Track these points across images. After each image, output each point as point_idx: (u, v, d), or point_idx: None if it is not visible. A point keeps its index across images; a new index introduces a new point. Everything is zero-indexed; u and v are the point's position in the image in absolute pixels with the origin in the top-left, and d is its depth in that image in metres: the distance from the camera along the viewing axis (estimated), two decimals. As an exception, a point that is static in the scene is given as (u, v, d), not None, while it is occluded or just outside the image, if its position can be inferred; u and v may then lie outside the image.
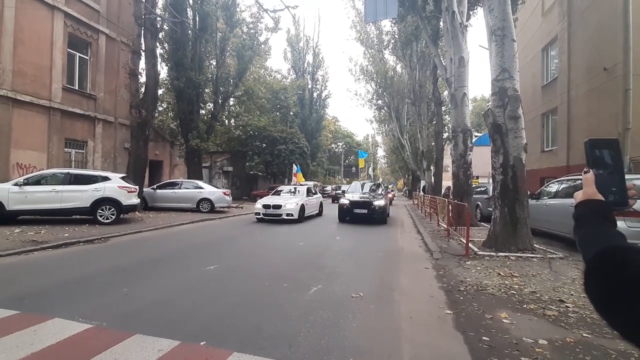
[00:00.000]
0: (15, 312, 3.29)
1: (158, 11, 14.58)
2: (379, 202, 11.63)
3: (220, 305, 3.72)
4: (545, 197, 8.40)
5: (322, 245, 7.65)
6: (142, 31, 12.49)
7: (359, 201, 11.73)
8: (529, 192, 9.60)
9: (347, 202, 11.83)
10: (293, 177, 18.07)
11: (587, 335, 3.08)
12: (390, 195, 22.38)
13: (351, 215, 11.61)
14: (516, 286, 4.53)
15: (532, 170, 16.99)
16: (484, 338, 2.98)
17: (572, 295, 4.20)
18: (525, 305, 3.83)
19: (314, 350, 2.72)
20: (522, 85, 20.15)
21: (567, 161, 14.42)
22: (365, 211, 11.40)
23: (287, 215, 11.46)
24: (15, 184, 8.97)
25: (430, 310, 3.69)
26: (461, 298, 4.07)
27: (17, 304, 3.48)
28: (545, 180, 13.12)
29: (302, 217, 12.03)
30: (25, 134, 11.72)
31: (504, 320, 3.38)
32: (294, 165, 18.60)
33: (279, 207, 11.61)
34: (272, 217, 11.64)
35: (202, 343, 2.75)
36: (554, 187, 8.22)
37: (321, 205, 14.79)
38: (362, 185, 14.13)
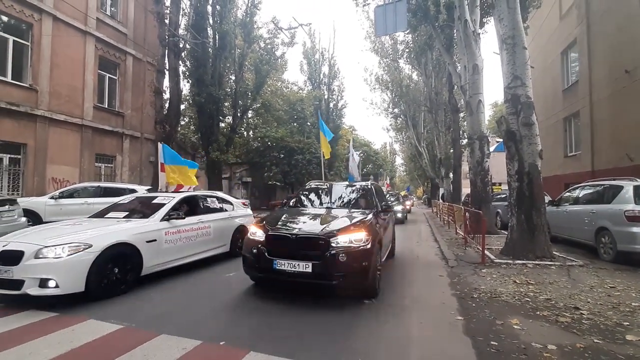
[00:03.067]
0: (55, 314, 3.63)
1: (180, 32, 15.40)
2: (349, 239, 4.10)
3: (239, 309, 3.93)
4: (565, 204, 8.23)
5: None
6: (166, 51, 13.24)
7: (288, 239, 4.22)
8: (550, 199, 9.43)
9: (260, 238, 4.38)
10: (160, 173, 7.76)
11: (598, 341, 3.08)
12: (407, 205, 20.05)
13: (272, 274, 4.17)
14: (531, 294, 4.51)
15: (555, 176, 16.60)
16: (492, 343, 3.04)
17: (588, 302, 4.15)
18: (538, 312, 3.83)
19: (325, 351, 2.88)
20: (542, 89, 19.76)
21: (591, 166, 13.98)
22: (307, 267, 3.97)
23: (24, 285, 3.77)
24: (51, 197, 9.65)
25: (441, 316, 3.76)
26: (473, 305, 4.11)
27: (57, 307, 3.82)
28: (570, 186, 12.78)
29: (109, 285, 4.30)
30: (60, 151, 12.56)
31: (515, 326, 3.42)
32: (159, 145, 7.97)
33: None
34: None
35: (221, 343, 2.96)
36: (574, 194, 8.05)
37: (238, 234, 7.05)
38: (332, 192, 6.13)
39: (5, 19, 11.28)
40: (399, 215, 14.65)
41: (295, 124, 31.83)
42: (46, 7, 11.95)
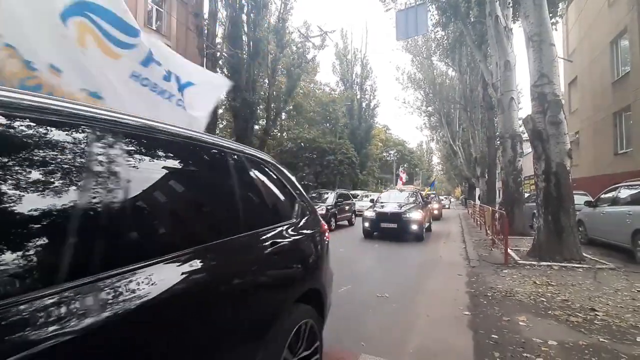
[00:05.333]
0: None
1: (217, 40, 16.39)
2: None
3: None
4: (603, 205, 7.83)
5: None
6: (204, 61, 14.22)
7: None
8: (587, 200, 9.00)
9: None
10: None
11: (604, 340, 3.11)
12: (435, 209, 16.63)
13: None
14: (549, 294, 4.50)
15: (605, 175, 15.52)
16: (492, 336, 3.19)
17: (608, 304, 4.09)
18: (550, 312, 3.87)
19: (333, 335, 3.20)
20: (589, 82, 18.57)
21: (644, 164, 12.93)
22: None
23: None
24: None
25: (449, 311, 3.93)
26: (484, 302, 4.22)
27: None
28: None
29: None
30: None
31: (520, 323, 3.52)
32: None
33: None
34: None
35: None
36: (611, 194, 7.65)
37: None
38: None
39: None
40: (414, 228, 9.25)
41: (327, 125, 32.31)
42: (102, 26, 13.36)
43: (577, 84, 19.53)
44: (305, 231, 2.28)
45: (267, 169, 2.17)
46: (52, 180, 0.91)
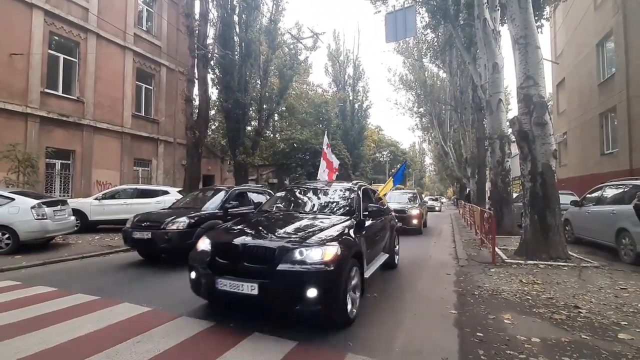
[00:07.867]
0: (97, 297, 4.25)
1: (209, 41, 16.32)
2: None
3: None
4: (589, 204, 8.00)
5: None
6: (196, 62, 14.13)
7: None
8: (573, 199, 9.18)
9: None
10: None
11: (585, 337, 3.18)
12: (414, 216, 11.07)
13: None
14: (534, 292, 4.59)
15: (592, 175, 15.84)
16: (478, 334, 3.24)
17: (591, 302, 4.18)
18: (534, 310, 3.94)
19: (320, 334, 3.23)
20: (577, 84, 18.86)
21: (629, 164, 13.24)
22: None
23: None
24: (96, 199, 10.72)
25: (435, 309, 3.99)
26: (471, 301, 4.28)
27: (98, 291, 4.46)
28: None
29: None
30: (103, 156, 13.81)
31: (505, 321, 3.58)
32: None
33: None
34: None
35: (231, 325, 3.40)
36: (596, 194, 7.82)
37: None
38: None
39: (56, 39, 12.62)
40: (311, 294, 3.04)
41: (320, 126, 32.30)
42: (91, 26, 13.22)
43: (565, 85, 19.90)
44: None
45: None
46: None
